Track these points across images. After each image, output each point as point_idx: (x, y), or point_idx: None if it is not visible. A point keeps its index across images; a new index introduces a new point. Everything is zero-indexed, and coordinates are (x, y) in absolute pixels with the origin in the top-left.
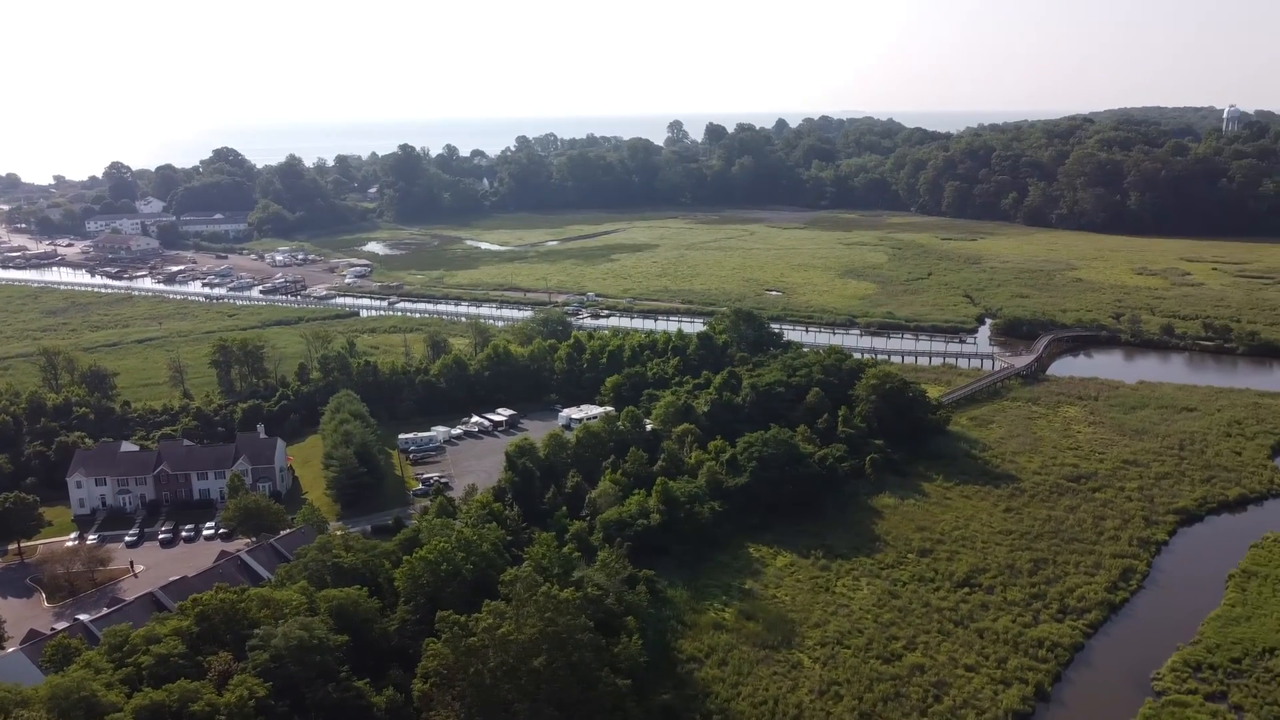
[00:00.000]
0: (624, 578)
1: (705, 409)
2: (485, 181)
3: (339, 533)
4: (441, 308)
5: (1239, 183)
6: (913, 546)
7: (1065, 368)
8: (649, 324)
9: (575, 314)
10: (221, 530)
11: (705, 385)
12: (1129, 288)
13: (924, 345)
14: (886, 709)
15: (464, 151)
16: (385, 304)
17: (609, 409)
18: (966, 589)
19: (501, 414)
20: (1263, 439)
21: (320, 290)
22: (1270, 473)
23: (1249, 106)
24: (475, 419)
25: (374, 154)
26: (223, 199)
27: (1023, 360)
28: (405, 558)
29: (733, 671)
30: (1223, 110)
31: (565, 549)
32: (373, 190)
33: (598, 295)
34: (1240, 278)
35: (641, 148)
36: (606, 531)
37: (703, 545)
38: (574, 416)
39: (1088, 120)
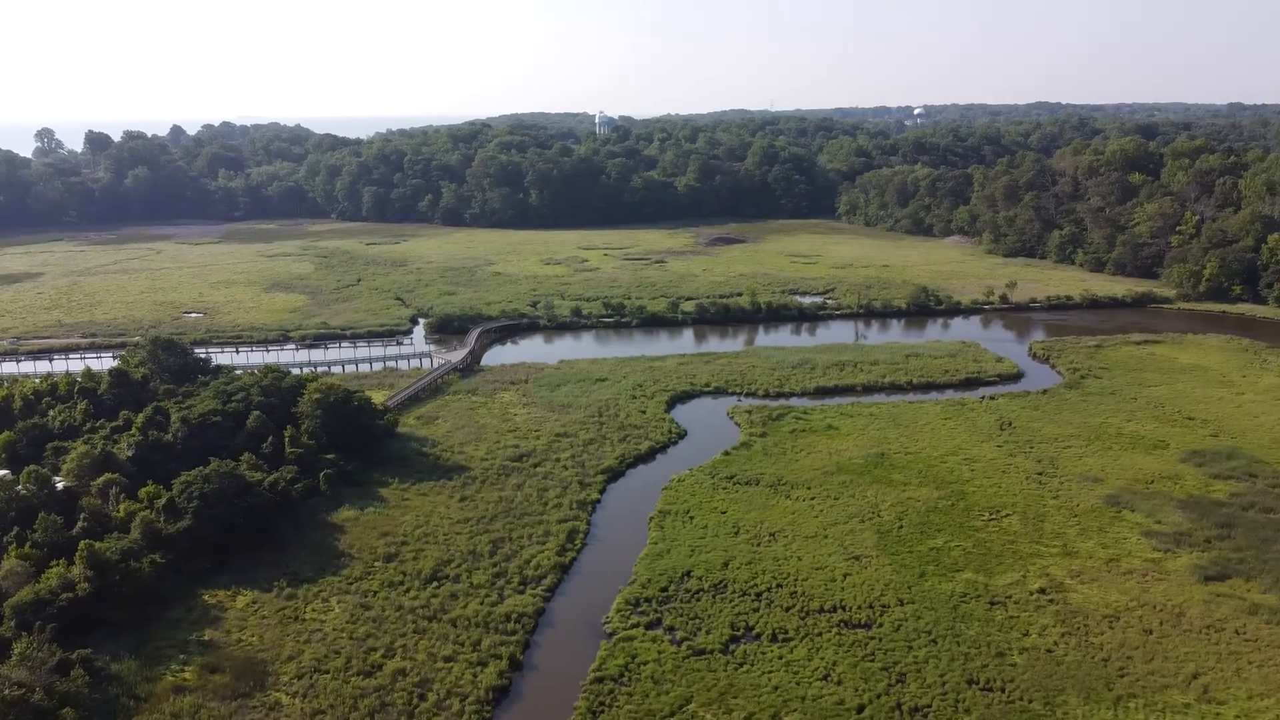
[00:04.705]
0: (53, 666)
1: (130, 453)
2: None
3: None
4: None
5: (615, 179)
6: (378, 554)
7: (497, 356)
8: (44, 366)
9: None
10: None
11: (126, 427)
12: (541, 277)
13: (363, 352)
14: None
15: None
16: None
17: (4, 473)
18: (435, 583)
19: None
20: (660, 396)
21: None
22: (668, 424)
23: (614, 112)
24: None
25: None
26: None
27: (458, 354)
28: None
29: None
30: (594, 115)
31: None
32: None
33: None
34: (625, 260)
35: (3, 160)
36: (21, 617)
37: (148, 605)
38: None
39: (486, 125)
